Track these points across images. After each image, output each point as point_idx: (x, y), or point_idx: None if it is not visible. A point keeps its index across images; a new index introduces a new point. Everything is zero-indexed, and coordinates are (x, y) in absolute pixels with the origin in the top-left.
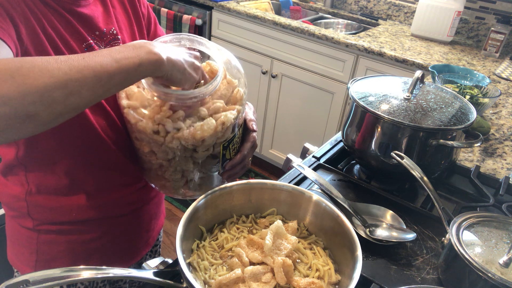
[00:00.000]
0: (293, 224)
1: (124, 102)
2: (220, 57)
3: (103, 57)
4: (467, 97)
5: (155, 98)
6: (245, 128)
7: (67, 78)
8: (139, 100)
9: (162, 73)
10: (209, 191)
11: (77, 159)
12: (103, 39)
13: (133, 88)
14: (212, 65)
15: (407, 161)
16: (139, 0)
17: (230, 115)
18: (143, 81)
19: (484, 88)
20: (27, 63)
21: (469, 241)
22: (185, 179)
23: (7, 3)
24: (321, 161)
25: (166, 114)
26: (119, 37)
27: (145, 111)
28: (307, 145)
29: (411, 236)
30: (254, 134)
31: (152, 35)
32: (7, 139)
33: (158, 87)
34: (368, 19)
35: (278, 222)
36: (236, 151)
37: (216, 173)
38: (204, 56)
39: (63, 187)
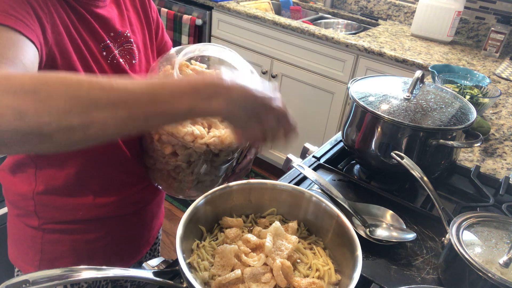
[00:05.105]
0: (293, 224)
1: None
2: (247, 70)
3: (147, 93)
4: (467, 97)
5: None
6: None
7: (93, 108)
8: None
9: (217, 118)
10: (209, 191)
11: (87, 159)
12: (117, 40)
13: None
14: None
15: (407, 161)
16: (150, 4)
17: None
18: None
19: (484, 88)
20: (54, 81)
21: (469, 241)
22: (195, 181)
23: (36, 4)
24: (321, 161)
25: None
26: (132, 39)
27: None
28: (307, 145)
29: (411, 236)
30: None
31: (159, 40)
32: (23, 152)
33: None
34: (368, 19)
35: (276, 224)
36: (244, 156)
37: (224, 175)
38: (204, 57)
39: (71, 187)
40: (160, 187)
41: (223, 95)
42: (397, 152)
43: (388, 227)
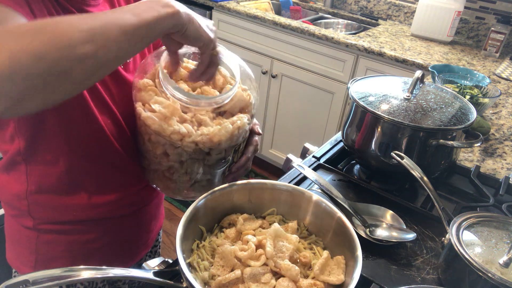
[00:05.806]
0: (293, 224)
1: (140, 107)
2: (236, 64)
3: (123, 13)
4: (467, 97)
5: (172, 101)
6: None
7: (93, 33)
8: (158, 103)
9: (179, 27)
10: (209, 191)
11: (80, 158)
12: None
13: (151, 93)
14: (221, 70)
15: (407, 161)
16: None
17: (246, 120)
18: (163, 84)
19: (484, 88)
20: (51, 21)
21: (469, 241)
22: (191, 181)
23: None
24: (321, 161)
25: (183, 117)
26: None
27: (164, 113)
28: (307, 145)
29: (411, 236)
30: (257, 137)
31: None
32: (45, 100)
33: (176, 91)
34: (368, 19)
35: (275, 225)
36: (241, 154)
37: (222, 175)
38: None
39: (65, 186)
40: (158, 189)
41: (174, 6)
42: (397, 152)
43: (388, 227)
